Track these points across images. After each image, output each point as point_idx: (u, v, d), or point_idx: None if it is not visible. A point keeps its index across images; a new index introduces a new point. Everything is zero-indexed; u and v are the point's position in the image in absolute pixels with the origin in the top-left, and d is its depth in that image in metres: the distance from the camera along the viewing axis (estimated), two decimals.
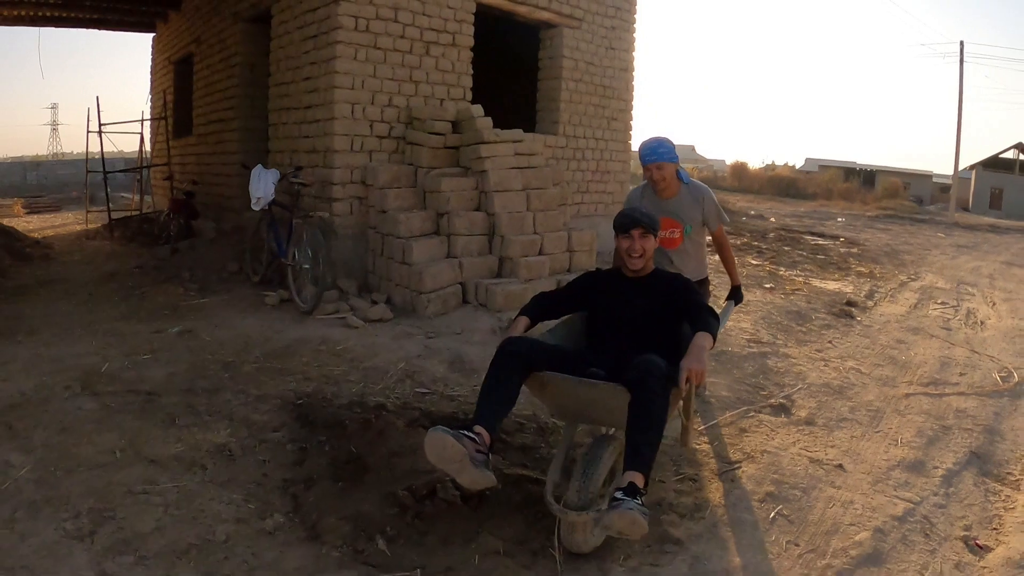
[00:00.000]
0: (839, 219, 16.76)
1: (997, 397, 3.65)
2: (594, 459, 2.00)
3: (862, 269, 8.00)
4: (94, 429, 2.59)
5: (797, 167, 39.75)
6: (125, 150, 12.02)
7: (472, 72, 5.09)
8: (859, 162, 37.32)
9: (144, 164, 8.87)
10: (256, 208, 4.44)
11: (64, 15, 8.22)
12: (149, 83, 9.11)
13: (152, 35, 9.03)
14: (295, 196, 4.25)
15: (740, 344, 4.25)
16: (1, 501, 2.06)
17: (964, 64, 18.94)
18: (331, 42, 4.28)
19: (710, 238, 3.10)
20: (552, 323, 2.49)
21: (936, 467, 2.73)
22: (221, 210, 6.40)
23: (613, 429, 2.21)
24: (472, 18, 5.01)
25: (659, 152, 2.83)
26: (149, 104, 9.03)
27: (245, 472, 2.36)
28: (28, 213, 11.47)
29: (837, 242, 10.62)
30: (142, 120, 8.93)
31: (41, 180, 14.29)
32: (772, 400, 3.33)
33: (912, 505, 2.39)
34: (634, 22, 6.62)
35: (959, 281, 7.66)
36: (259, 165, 4.58)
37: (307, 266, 4.02)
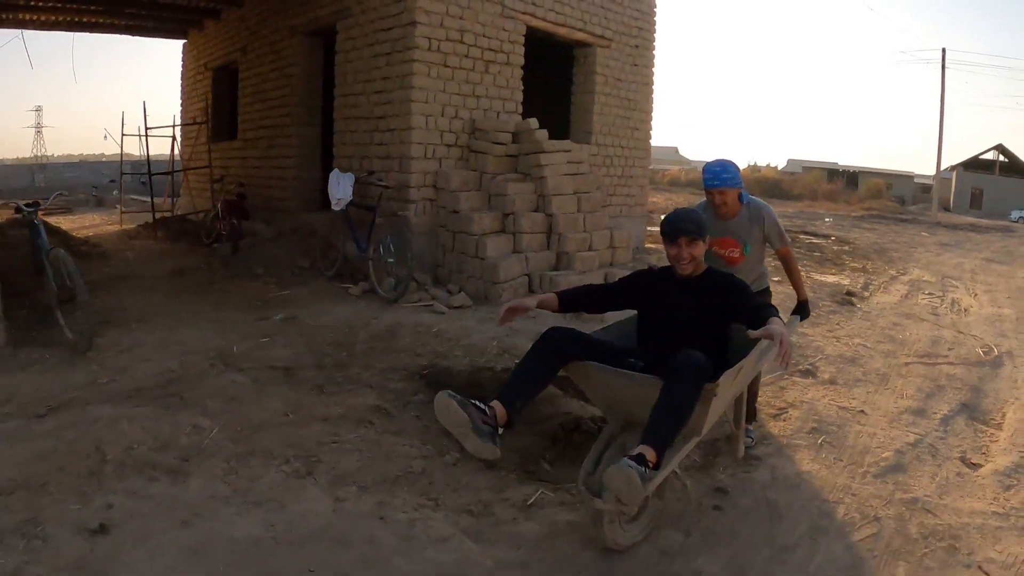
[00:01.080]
0: (827, 219, 17.85)
1: (980, 366, 4.49)
2: (623, 448, 2.09)
3: (855, 265, 8.93)
4: (257, 398, 3.13)
5: (779, 168, 41.23)
6: (134, 153, 12.47)
7: (522, 87, 5.85)
8: (840, 163, 38.95)
9: (178, 167, 9.42)
10: (336, 208, 5.12)
11: (102, 21, 8.76)
12: (180, 88, 9.67)
13: (183, 41, 9.61)
14: (377, 198, 4.95)
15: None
16: (210, 454, 2.56)
17: (946, 70, 20.24)
18: (407, 60, 4.99)
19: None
20: (609, 320, 2.64)
21: (935, 413, 3.54)
22: (271, 211, 7.03)
23: None
24: (523, 39, 5.78)
25: (723, 178, 2.88)
26: (181, 109, 9.59)
27: (409, 425, 2.97)
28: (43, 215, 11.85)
29: (829, 240, 11.59)
30: (178, 124, 9.47)
31: (49, 182, 14.62)
32: (800, 367, 4.14)
33: (920, 436, 3.19)
34: (654, 41, 7.45)
35: (944, 275, 8.63)
36: (335, 170, 5.26)
37: (391, 260, 4.72)
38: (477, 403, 1.93)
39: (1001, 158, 28.75)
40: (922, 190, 33.99)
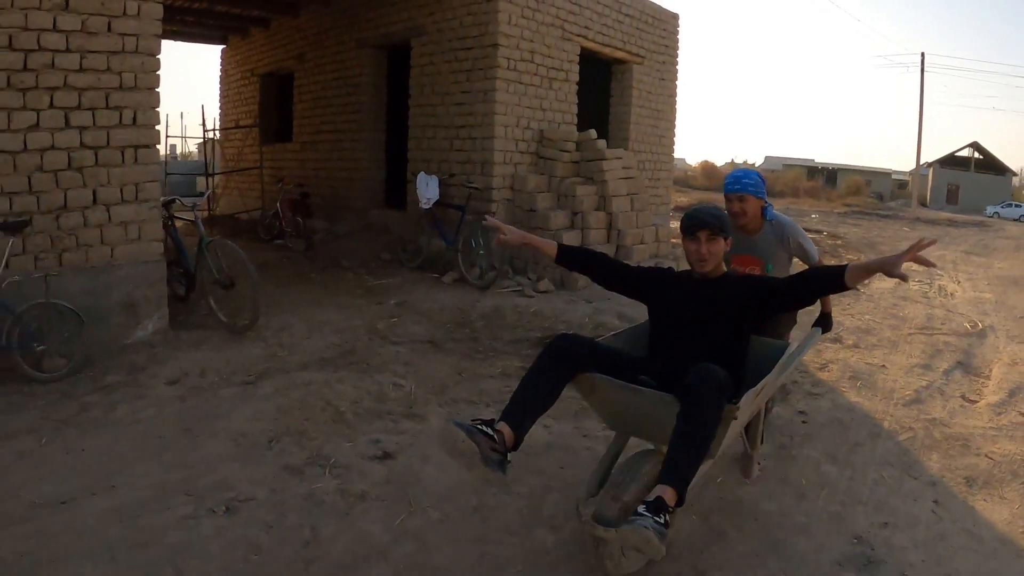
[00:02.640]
0: (813, 215, 19.34)
1: (969, 336, 5.69)
2: (630, 471, 1.97)
3: (851, 256, 10.21)
4: (425, 363, 4.03)
5: (757, 165, 43.20)
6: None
7: (576, 99, 6.89)
8: (817, 160, 41.07)
9: (224, 169, 10.17)
10: (426, 207, 6.07)
11: None
12: (220, 92, 10.42)
13: (221, 47, 10.36)
14: (466, 198, 5.92)
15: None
16: (424, 403, 3.40)
17: (925, 73, 21.91)
18: (490, 78, 5.98)
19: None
20: (620, 330, 2.63)
21: (938, 367, 4.69)
22: (334, 209, 7.92)
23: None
24: (578, 59, 6.81)
25: (743, 183, 2.77)
26: (220, 112, 10.35)
27: None
28: None
29: (823, 235, 12.92)
30: (232, 127, 10.22)
31: None
32: (831, 336, 5.27)
33: (929, 382, 4.32)
34: (677, 57, 8.56)
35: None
36: (422, 173, 6.21)
37: (481, 252, 5.71)
38: (484, 428, 1.84)
39: (976, 155, 30.92)
40: (898, 186, 36.00)
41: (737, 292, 2.27)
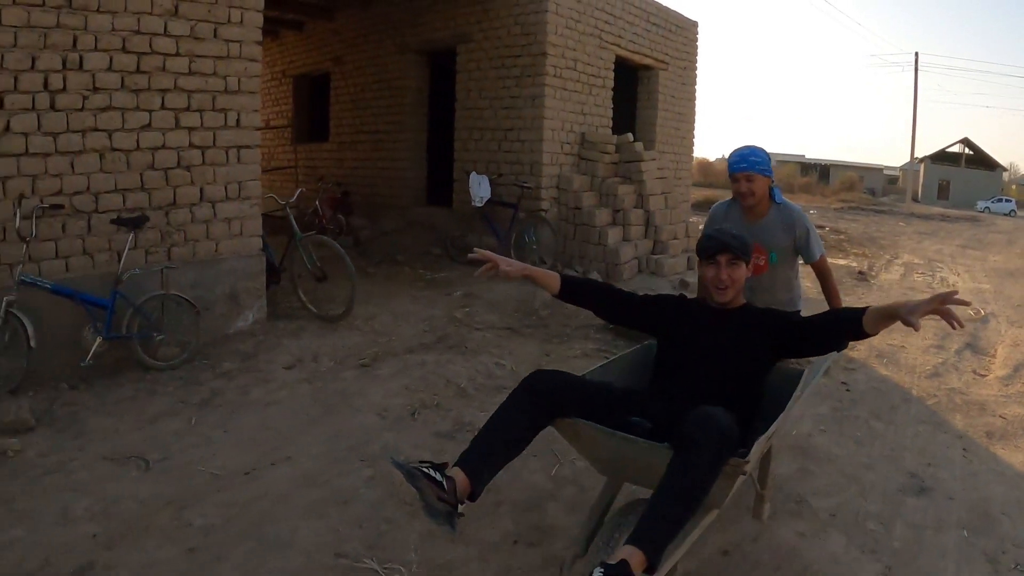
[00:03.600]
0: (811, 211, 20.17)
1: (974, 322, 6.41)
2: (620, 526, 1.78)
3: (856, 251, 10.97)
4: (511, 346, 4.59)
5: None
6: None
7: (611, 104, 7.52)
8: (807, 156, 42.16)
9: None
10: (478, 205, 6.66)
11: None
12: None
13: None
14: (519, 196, 6.53)
15: (812, 295, 6.91)
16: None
17: (918, 72, 22.85)
18: (539, 84, 6.58)
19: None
20: (618, 353, 2.37)
21: (950, 348, 5.39)
22: (374, 207, 8.47)
23: None
24: (612, 66, 7.44)
25: (751, 161, 2.60)
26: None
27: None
28: None
29: (825, 230, 13.70)
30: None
31: None
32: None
33: (944, 360, 5.02)
34: (696, 62, 9.23)
35: (929, 259, 10.76)
36: (473, 172, 6.80)
37: (534, 247, 6.32)
38: (431, 472, 1.59)
39: (967, 151, 32.09)
40: (889, 181, 37.09)
41: (758, 326, 2.08)
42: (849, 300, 6.78)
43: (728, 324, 2.12)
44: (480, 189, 6.62)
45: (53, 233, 3.71)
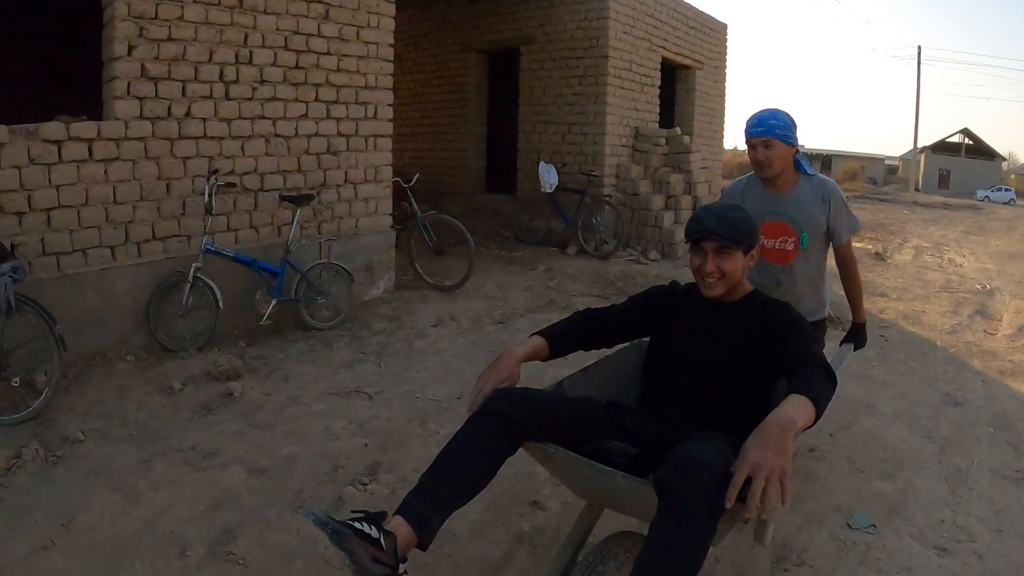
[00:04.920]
0: None
1: (981, 294, 7.46)
2: (595, 567, 1.48)
3: (869, 235, 12.02)
4: None
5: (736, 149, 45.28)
6: None
7: (658, 101, 8.49)
8: (807, 146, 43.29)
9: None
10: (548, 191, 7.60)
11: None
12: None
13: None
14: (586, 183, 7.48)
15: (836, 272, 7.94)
16: None
17: (921, 65, 23.90)
18: (602, 84, 7.53)
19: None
20: (598, 355, 2.07)
21: (963, 313, 6.42)
22: (433, 195, 9.39)
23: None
24: (659, 66, 8.40)
25: (769, 124, 2.25)
26: None
27: None
28: None
29: None
30: None
31: None
32: (877, 292, 7.00)
33: (958, 322, 6.05)
34: (726, 62, 10.22)
35: (936, 243, 11.83)
36: (542, 162, 7.75)
37: (601, 229, 7.29)
38: (363, 527, 1.31)
39: (967, 141, 33.28)
40: (889, 171, 38.24)
41: (762, 321, 1.78)
42: (870, 277, 7.83)
43: (726, 321, 1.81)
44: (549, 176, 7.56)
45: (225, 208, 4.41)
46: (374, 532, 1.32)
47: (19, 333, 3.23)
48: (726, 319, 1.84)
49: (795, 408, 1.38)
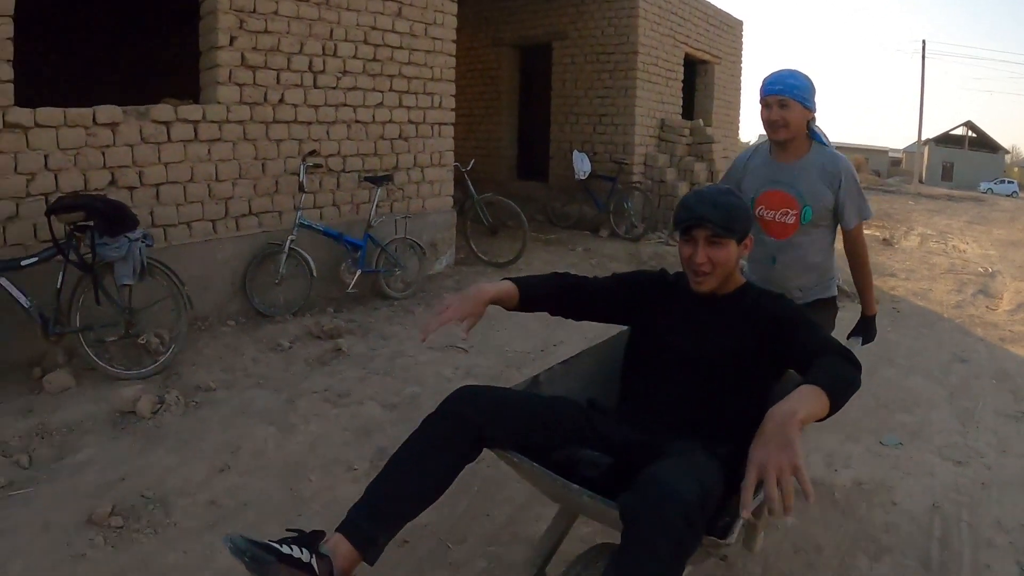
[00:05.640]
0: None
1: (983, 276, 8.03)
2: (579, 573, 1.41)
3: (877, 223, 12.57)
4: None
5: (752, 142, 45.76)
6: None
7: (681, 94, 9.03)
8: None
9: None
10: (581, 178, 8.14)
11: None
12: None
13: None
14: (617, 171, 8.03)
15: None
16: None
17: (925, 59, 24.36)
18: (631, 78, 8.06)
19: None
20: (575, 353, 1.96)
21: (966, 292, 6.99)
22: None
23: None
24: (683, 61, 8.93)
25: (788, 83, 2.09)
26: None
27: None
28: None
29: None
30: None
31: None
32: (887, 273, 7.57)
33: (962, 299, 6.62)
34: (742, 57, 10.76)
35: (940, 231, 12.40)
36: (576, 151, 8.29)
37: (632, 213, 7.84)
38: (292, 550, 1.21)
39: (970, 134, 33.74)
40: (892, 164, 38.71)
41: (756, 317, 1.64)
42: (880, 260, 8.40)
43: (716, 317, 1.67)
44: (583, 164, 8.11)
45: (312, 187, 4.85)
46: (305, 556, 1.22)
47: (147, 294, 3.71)
48: (716, 314, 1.68)
49: (797, 400, 1.27)
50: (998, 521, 2.49)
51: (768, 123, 2.15)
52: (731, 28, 10.42)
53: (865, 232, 2.32)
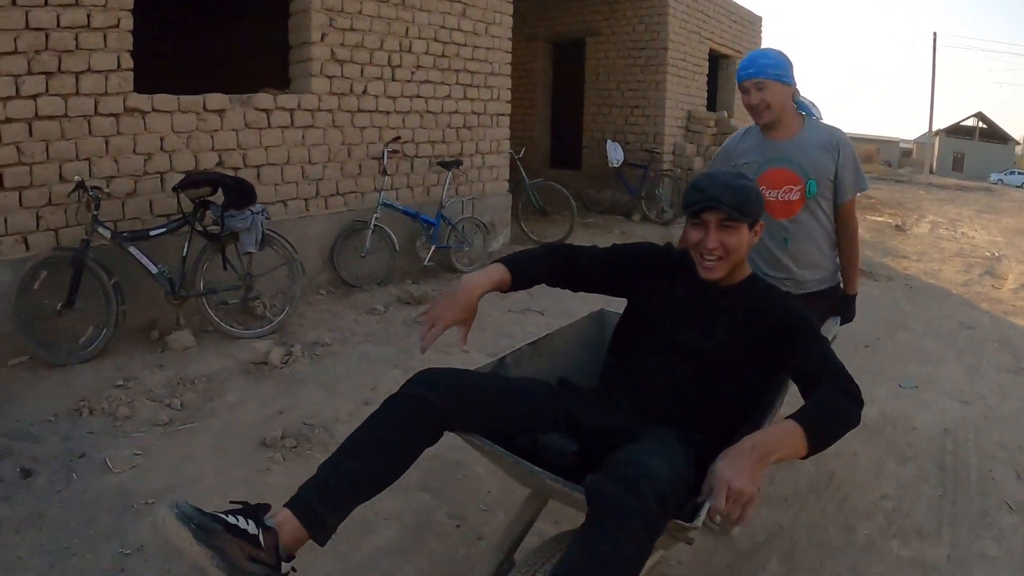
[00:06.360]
0: None
1: (990, 259, 8.55)
2: (546, 562, 1.35)
3: (889, 211, 13.06)
4: None
5: None
6: None
7: (706, 87, 9.54)
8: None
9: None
10: (615, 166, 8.69)
11: None
12: None
13: None
14: (649, 159, 8.58)
15: (868, 231, 9.02)
16: None
17: (936, 51, 24.66)
18: (662, 72, 8.59)
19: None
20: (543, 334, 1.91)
21: (974, 272, 7.51)
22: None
23: None
24: (707, 56, 9.44)
25: (760, 64, 2.04)
26: None
27: None
28: None
29: (859, 195, 15.79)
30: None
31: None
32: (900, 255, 8.11)
33: (970, 278, 7.14)
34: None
35: (951, 219, 12.88)
36: (609, 140, 8.84)
37: (662, 199, 8.40)
38: (238, 521, 1.16)
39: (981, 125, 33.92)
40: (903, 154, 38.93)
41: (760, 316, 1.55)
42: (893, 244, 8.93)
43: (719, 307, 1.60)
44: (616, 153, 8.65)
45: (391, 170, 5.36)
46: (251, 527, 1.17)
47: (263, 263, 4.26)
48: (719, 305, 1.59)
49: (779, 440, 1.25)
50: (999, 443, 3.07)
51: (750, 108, 2.11)
52: (751, 24, 10.91)
53: (878, 219, 2.74)
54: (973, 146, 33.07)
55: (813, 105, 2.21)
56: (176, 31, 8.67)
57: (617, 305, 1.89)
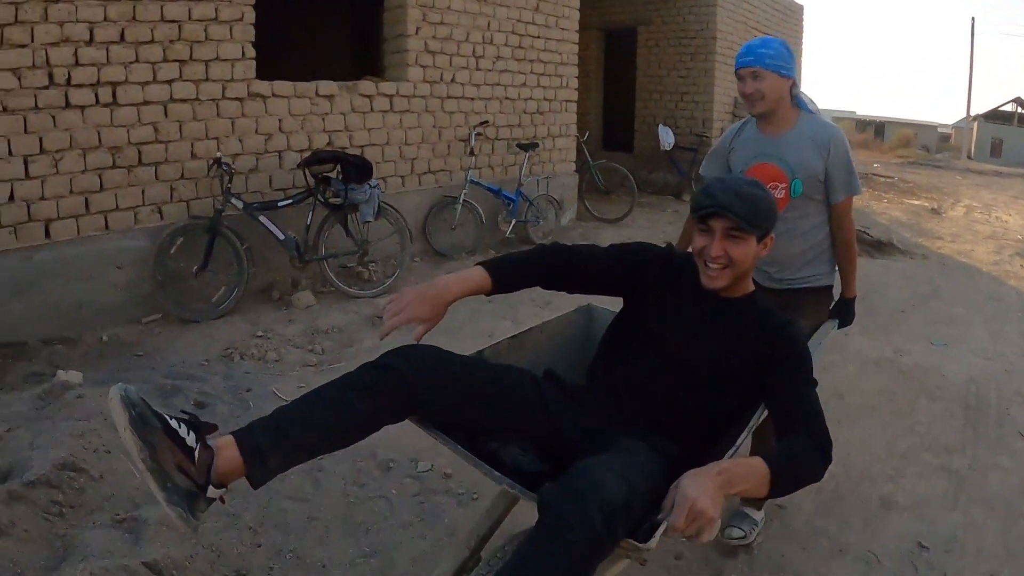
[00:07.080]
0: (875, 164, 22.25)
1: (1021, 242, 8.93)
2: (495, 567, 1.28)
3: (926, 195, 13.34)
4: None
5: None
6: None
7: None
8: (858, 112, 43.28)
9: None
10: (667, 149, 9.21)
11: None
12: None
13: None
14: (698, 143, 9.09)
15: (904, 214, 9.44)
16: None
17: (975, 36, 24.17)
18: (711, 61, 9.06)
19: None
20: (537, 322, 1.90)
21: (1004, 253, 7.89)
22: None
23: None
24: None
25: (758, 53, 1.99)
26: None
27: None
28: None
29: (896, 180, 16.02)
30: None
31: None
32: (935, 236, 8.54)
33: (1000, 259, 7.54)
34: (802, 40, 11.61)
35: (986, 204, 13.13)
36: (661, 124, 9.35)
37: None
38: (179, 427, 1.14)
39: (1020, 110, 33.19)
40: (941, 139, 38.24)
41: (759, 335, 1.51)
42: (929, 226, 9.34)
43: (718, 320, 1.56)
44: (667, 137, 9.17)
45: (476, 151, 5.94)
46: (190, 439, 1.13)
47: (377, 231, 4.90)
48: (716, 318, 1.56)
49: (746, 475, 1.24)
50: (1017, 390, 3.65)
51: (744, 97, 2.07)
52: (793, 12, 11.24)
53: (914, 203, 3.08)
54: (1012, 131, 32.35)
55: (811, 102, 2.16)
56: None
57: (608, 301, 1.84)
